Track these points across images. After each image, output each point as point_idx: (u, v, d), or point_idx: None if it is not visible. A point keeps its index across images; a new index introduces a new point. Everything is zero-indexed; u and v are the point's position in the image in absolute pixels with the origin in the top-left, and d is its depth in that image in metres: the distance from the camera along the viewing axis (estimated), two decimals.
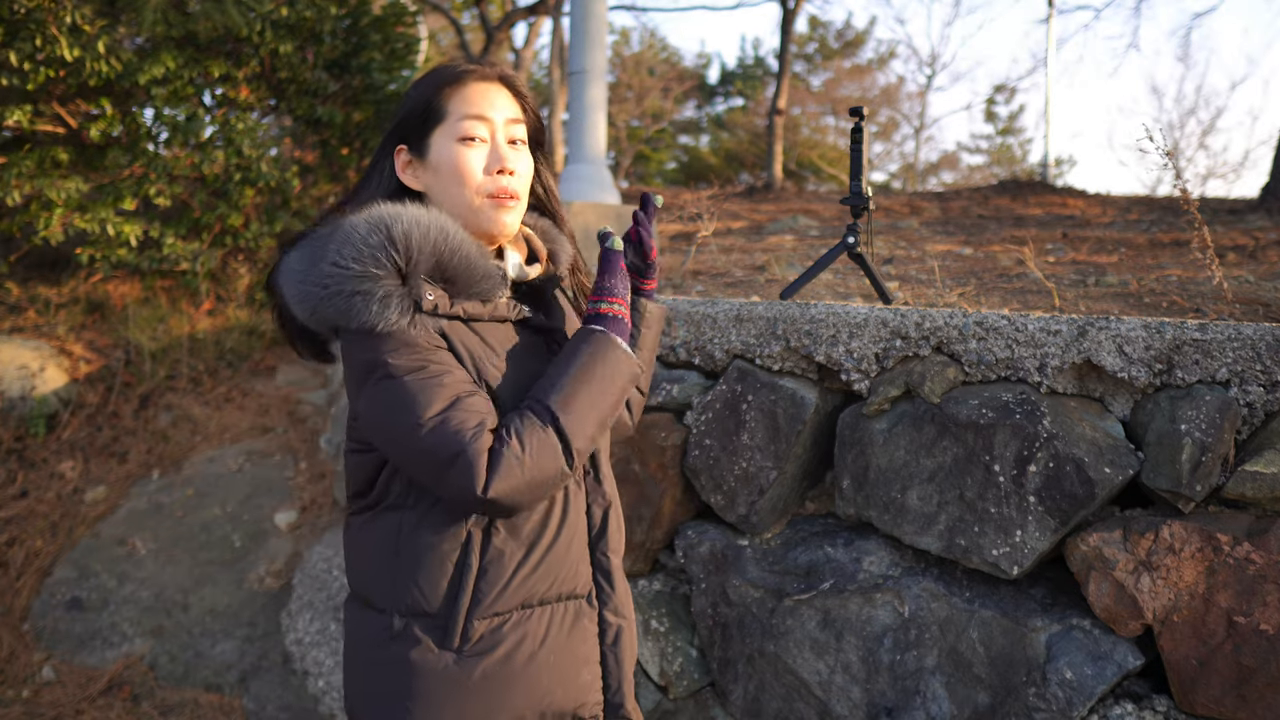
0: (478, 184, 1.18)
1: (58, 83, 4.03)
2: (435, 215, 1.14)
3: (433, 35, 12.44)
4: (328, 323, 1.12)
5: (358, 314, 1.07)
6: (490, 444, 1.07)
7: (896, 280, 2.87)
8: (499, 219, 1.19)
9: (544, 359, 1.23)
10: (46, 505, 3.63)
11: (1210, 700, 1.51)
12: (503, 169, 1.19)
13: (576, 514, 1.24)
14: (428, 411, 1.06)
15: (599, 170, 4.49)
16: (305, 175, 5.06)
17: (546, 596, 1.20)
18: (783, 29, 8.83)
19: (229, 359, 4.59)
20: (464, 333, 1.16)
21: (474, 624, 1.14)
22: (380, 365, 1.09)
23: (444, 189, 1.20)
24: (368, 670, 1.17)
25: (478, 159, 1.19)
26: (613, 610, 1.27)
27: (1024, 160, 20.35)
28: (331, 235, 1.11)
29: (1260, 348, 1.56)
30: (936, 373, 1.82)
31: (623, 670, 1.27)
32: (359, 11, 5.00)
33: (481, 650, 1.14)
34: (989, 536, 1.70)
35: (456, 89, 1.19)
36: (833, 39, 18.84)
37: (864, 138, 2.06)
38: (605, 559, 1.27)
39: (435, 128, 1.19)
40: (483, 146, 1.19)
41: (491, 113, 1.20)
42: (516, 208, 1.22)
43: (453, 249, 1.12)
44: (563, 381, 1.13)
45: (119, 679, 3.01)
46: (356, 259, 1.07)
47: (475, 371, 1.14)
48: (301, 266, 1.12)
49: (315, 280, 1.09)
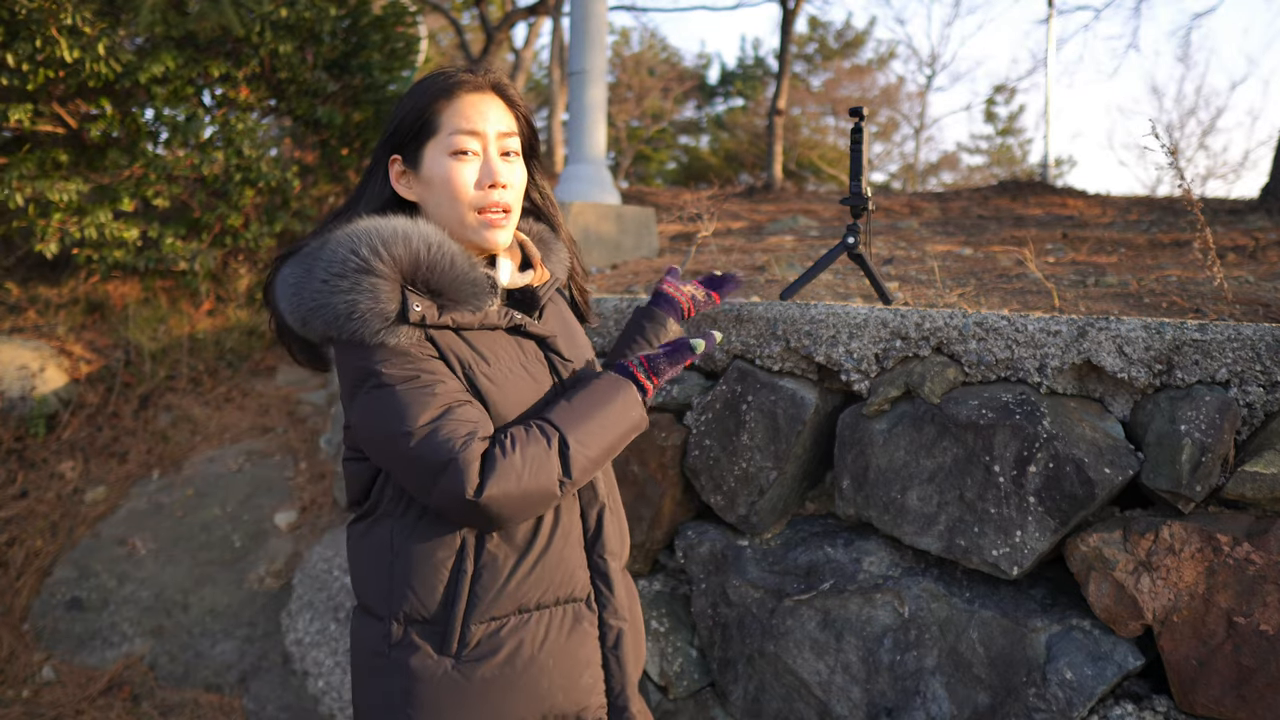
0: (470, 199, 1.19)
1: (57, 83, 4.03)
2: (421, 227, 1.15)
3: (433, 35, 12.44)
4: (318, 333, 1.13)
5: (346, 324, 1.09)
6: (483, 450, 1.08)
7: (896, 280, 2.87)
8: (489, 235, 1.21)
9: (537, 365, 1.23)
10: (46, 505, 3.63)
11: (1210, 700, 1.51)
12: (495, 183, 1.20)
13: (570, 518, 1.24)
14: (418, 420, 1.07)
15: (599, 170, 4.49)
16: (305, 175, 5.06)
17: (543, 600, 1.20)
18: (783, 29, 8.83)
19: (229, 359, 4.59)
20: (454, 341, 1.16)
21: (471, 628, 1.15)
22: (372, 374, 1.10)
23: (436, 202, 1.21)
24: (370, 678, 1.18)
25: (470, 173, 1.19)
26: (613, 613, 1.27)
27: (1024, 160, 20.36)
28: (321, 250, 1.13)
29: (1260, 348, 1.56)
30: (936, 373, 1.82)
31: (625, 673, 1.27)
32: (359, 12, 5.00)
33: (480, 655, 1.15)
34: (989, 537, 1.70)
35: (449, 101, 1.20)
36: (833, 39, 18.84)
37: (864, 138, 2.06)
38: (603, 562, 1.27)
39: (428, 141, 1.20)
40: (475, 160, 1.20)
41: (484, 125, 1.20)
42: (508, 222, 1.23)
43: (439, 260, 1.13)
44: (582, 411, 1.15)
45: (119, 679, 3.01)
46: (343, 273, 1.09)
47: (466, 380, 1.14)
48: (294, 280, 1.13)
49: (307, 294, 1.11)
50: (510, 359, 1.20)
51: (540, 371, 1.23)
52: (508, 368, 1.19)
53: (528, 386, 1.20)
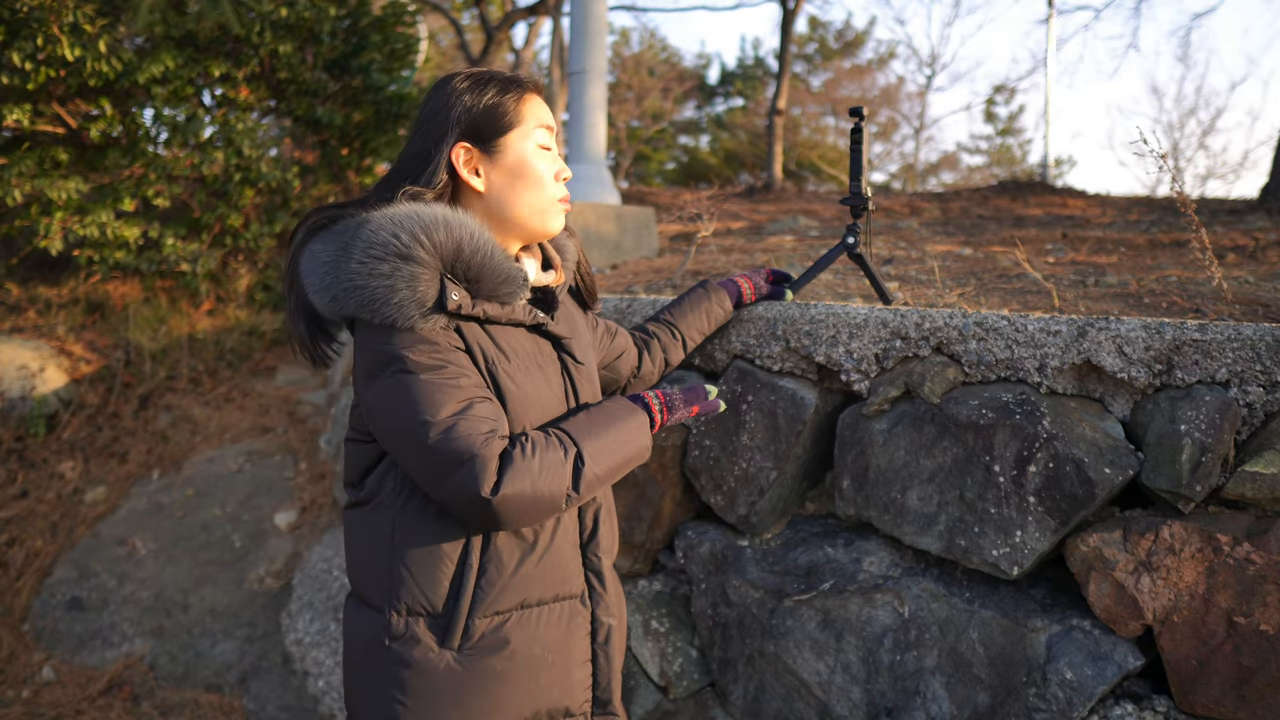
0: (553, 188, 1.28)
1: (58, 83, 4.03)
2: (462, 217, 1.16)
3: (432, 35, 12.44)
4: (346, 314, 1.13)
5: (381, 308, 1.09)
6: (502, 449, 1.09)
7: (896, 280, 2.87)
8: (560, 221, 1.31)
9: (551, 365, 1.25)
10: (46, 505, 3.63)
11: (1210, 700, 1.51)
12: (565, 176, 1.31)
13: (570, 516, 1.26)
14: (441, 412, 1.07)
15: (599, 170, 4.49)
16: (305, 175, 5.06)
17: (544, 597, 1.21)
18: (782, 29, 8.83)
19: (229, 359, 4.59)
20: (480, 334, 1.17)
21: (475, 622, 1.15)
22: (397, 359, 1.10)
23: (514, 189, 1.25)
24: (366, 670, 1.18)
25: (552, 165, 1.28)
26: (605, 610, 1.29)
27: (1024, 161, 20.37)
28: (359, 229, 1.12)
29: (1260, 348, 1.56)
30: (936, 373, 1.82)
31: (612, 668, 1.30)
32: (359, 12, 5.00)
33: (482, 649, 1.15)
34: (989, 537, 1.70)
35: (527, 98, 1.28)
36: (832, 39, 18.85)
37: (864, 138, 2.06)
38: (597, 560, 1.29)
39: (510, 130, 1.25)
40: (550, 154, 1.29)
41: (553, 123, 1.30)
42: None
43: (478, 250, 1.15)
44: (598, 429, 1.18)
45: (119, 679, 3.01)
46: (383, 257, 1.09)
47: (488, 374, 1.15)
48: (328, 257, 1.13)
49: (343, 274, 1.10)
50: (528, 357, 1.22)
51: (553, 372, 1.25)
52: (526, 366, 1.21)
53: (542, 386, 1.21)
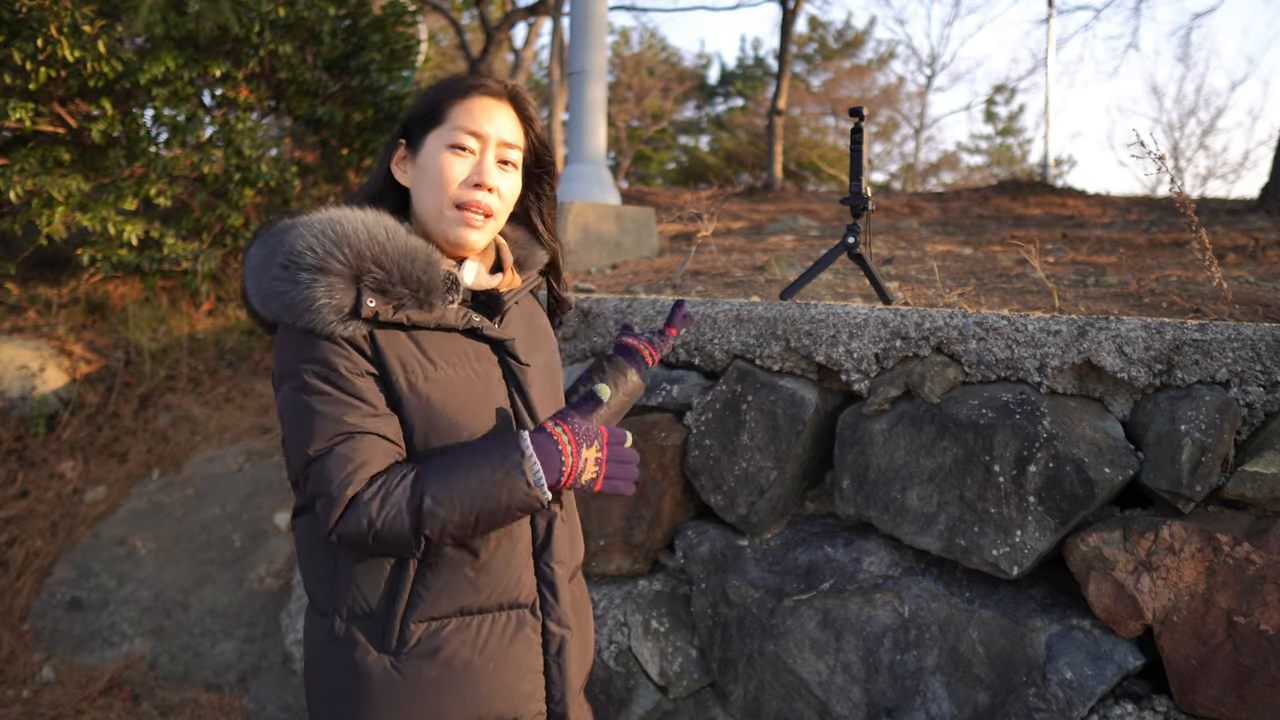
0: (453, 192, 1.20)
1: (59, 83, 4.03)
2: (380, 219, 1.16)
3: (433, 35, 12.44)
4: (274, 317, 1.15)
5: (299, 314, 1.10)
6: (356, 491, 1.08)
7: (896, 280, 2.87)
8: (462, 232, 1.20)
9: (490, 369, 1.23)
10: (46, 505, 3.63)
11: (1210, 700, 1.51)
12: (481, 183, 1.20)
13: (520, 524, 1.22)
14: (315, 444, 1.09)
15: (599, 170, 4.49)
16: (305, 175, 5.06)
17: (486, 604, 1.19)
18: (782, 29, 8.83)
19: (229, 359, 4.59)
20: (401, 342, 1.15)
21: (410, 627, 1.15)
22: (294, 375, 1.12)
23: (423, 189, 1.22)
24: (319, 671, 1.20)
25: (461, 168, 1.20)
26: (557, 621, 1.25)
27: (1024, 160, 20.36)
28: (285, 234, 1.14)
29: (1260, 348, 1.56)
30: (936, 373, 1.82)
31: (566, 680, 1.26)
32: (358, 12, 5.00)
33: (419, 654, 1.15)
34: (989, 536, 1.70)
35: (462, 99, 1.22)
36: (832, 39, 18.84)
37: (864, 138, 2.07)
38: (549, 570, 1.25)
39: (432, 130, 1.22)
40: (469, 158, 1.21)
41: (488, 128, 1.22)
42: (485, 225, 1.22)
43: (393, 254, 1.14)
44: (455, 473, 1.10)
45: (119, 679, 3.01)
46: (299, 262, 1.11)
47: (405, 383, 1.14)
48: (256, 263, 1.15)
49: (265, 279, 1.13)
50: (462, 362, 1.19)
51: (492, 375, 1.22)
52: (456, 371, 1.18)
53: (476, 390, 1.19)
